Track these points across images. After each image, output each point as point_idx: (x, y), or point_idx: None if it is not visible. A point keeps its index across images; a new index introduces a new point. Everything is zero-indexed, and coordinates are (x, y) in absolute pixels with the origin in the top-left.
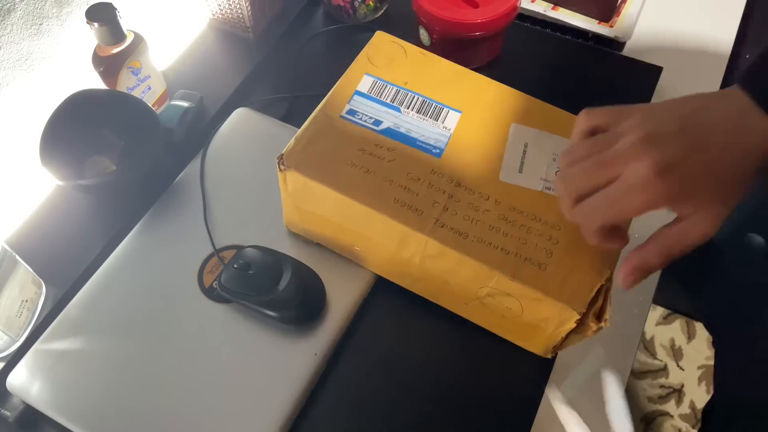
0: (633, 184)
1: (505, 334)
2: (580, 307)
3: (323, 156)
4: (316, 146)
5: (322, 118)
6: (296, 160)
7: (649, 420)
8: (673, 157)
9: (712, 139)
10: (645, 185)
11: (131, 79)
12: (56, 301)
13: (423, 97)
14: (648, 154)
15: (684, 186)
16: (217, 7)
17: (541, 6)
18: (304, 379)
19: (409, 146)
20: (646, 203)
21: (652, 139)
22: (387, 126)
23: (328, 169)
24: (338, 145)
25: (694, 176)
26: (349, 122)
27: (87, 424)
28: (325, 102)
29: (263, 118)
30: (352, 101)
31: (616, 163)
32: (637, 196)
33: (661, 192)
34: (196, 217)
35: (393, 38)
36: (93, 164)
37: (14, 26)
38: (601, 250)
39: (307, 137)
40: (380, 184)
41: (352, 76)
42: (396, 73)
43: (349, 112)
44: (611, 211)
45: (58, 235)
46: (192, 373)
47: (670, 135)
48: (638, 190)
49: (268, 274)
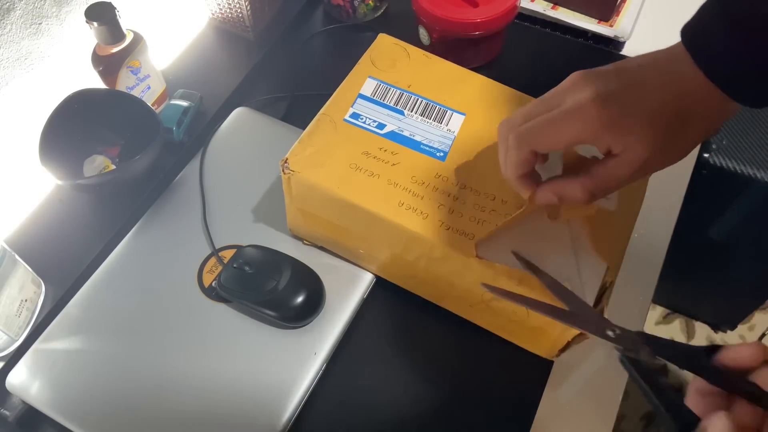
0: (571, 109)
1: (510, 337)
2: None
3: (328, 160)
4: (320, 150)
5: (326, 121)
6: (300, 163)
7: (649, 419)
8: (610, 88)
9: (647, 78)
10: (583, 111)
11: (130, 78)
12: (56, 300)
13: (426, 100)
14: (588, 85)
15: (621, 115)
16: (217, 7)
17: (540, 5)
18: (304, 379)
19: (414, 150)
20: (582, 130)
21: (592, 74)
22: (391, 129)
23: (333, 172)
24: (342, 148)
25: (630, 108)
26: (352, 126)
27: (86, 423)
28: (328, 105)
29: (263, 117)
30: (356, 104)
31: (557, 95)
32: (574, 121)
33: (597, 119)
34: (196, 216)
35: (396, 40)
36: (92, 163)
37: (14, 25)
38: (604, 252)
39: (310, 141)
40: (385, 188)
41: (355, 79)
42: (399, 75)
43: (352, 115)
44: (544, 135)
45: (57, 234)
46: (191, 372)
47: (610, 73)
48: (576, 114)
49: (268, 274)
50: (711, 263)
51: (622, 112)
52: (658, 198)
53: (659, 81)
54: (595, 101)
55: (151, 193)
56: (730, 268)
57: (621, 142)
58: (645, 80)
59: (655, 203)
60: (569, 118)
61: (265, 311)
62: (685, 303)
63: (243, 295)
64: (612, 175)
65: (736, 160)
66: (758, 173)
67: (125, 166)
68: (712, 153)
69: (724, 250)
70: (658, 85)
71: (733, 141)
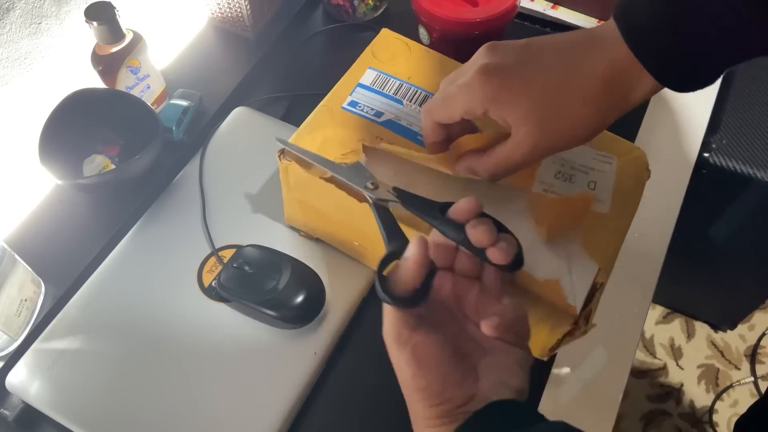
0: (462, 82)
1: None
2: (574, 309)
3: (325, 147)
4: (317, 138)
5: (324, 111)
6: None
7: (649, 419)
8: (502, 62)
9: (548, 53)
10: (470, 84)
11: (130, 78)
12: (55, 300)
13: (426, 92)
14: (483, 58)
15: (504, 90)
16: (217, 6)
17: (540, 5)
18: (304, 378)
19: (410, 141)
20: (469, 103)
21: (495, 46)
22: (388, 118)
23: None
24: (339, 135)
25: (515, 83)
26: (350, 113)
27: (85, 423)
28: (328, 97)
29: (262, 117)
30: (354, 93)
31: (463, 67)
32: (463, 95)
33: (482, 92)
34: (196, 216)
35: (397, 35)
36: (92, 163)
37: (13, 25)
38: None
39: (308, 130)
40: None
41: (355, 71)
42: (400, 68)
43: (350, 103)
44: (441, 108)
45: (57, 234)
46: (191, 372)
47: (516, 46)
48: (465, 88)
49: (268, 274)
50: (711, 263)
51: (504, 86)
52: (657, 198)
53: (566, 57)
54: (481, 74)
55: (150, 193)
56: (730, 268)
57: (509, 118)
58: (546, 56)
59: (655, 203)
60: (459, 91)
61: (265, 311)
62: (685, 303)
63: (243, 295)
64: (506, 156)
65: (736, 159)
66: (758, 173)
67: (125, 166)
68: (712, 152)
69: (724, 250)
70: (563, 60)
71: (733, 141)
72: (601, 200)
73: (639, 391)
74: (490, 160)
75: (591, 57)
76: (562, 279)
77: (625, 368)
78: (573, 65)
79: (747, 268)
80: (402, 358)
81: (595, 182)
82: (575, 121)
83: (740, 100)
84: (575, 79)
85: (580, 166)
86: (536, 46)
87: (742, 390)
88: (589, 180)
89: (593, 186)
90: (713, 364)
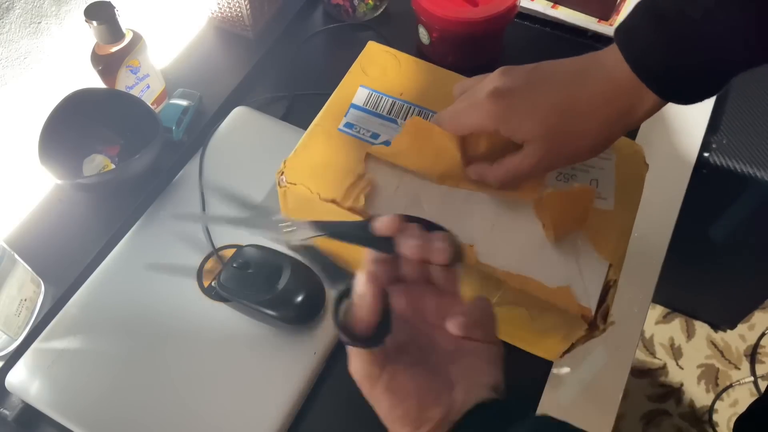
0: (472, 102)
1: (513, 340)
2: (588, 311)
3: (325, 171)
4: (315, 161)
5: (320, 132)
6: (297, 176)
7: (649, 419)
8: (512, 85)
9: (556, 76)
10: (479, 105)
11: (130, 77)
12: (55, 299)
13: (419, 107)
14: (495, 81)
15: (509, 110)
16: (216, 6)
17: (540, 4)
18: (304, 378)
19: None
20: (477, 121)
21: (508, 70)
22: (385, 139)
23: (330, 184)
24: (337, 159)
25: (522, 105)
26: (347, 135)
27: (85, 422)
28: (321, 115)
29: (262, 116)
30: (349, 114)
31: (475, 88)
32: (471, 113)
33: (490, 113)
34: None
35: (386, 48)
36: (92, 163)
37: (13, 24)
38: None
39: (306, 152)
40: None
41: (346, 88)
42: (391, 83)
43: (346, 125)
44: (452, 123)
45: (57, 233)
46: (191, 372)
47: (525, 70)
48: (474, 107)
49: (268, 273)
50: (711, 263)
51: (512, 107)
52: (658, 197)
53: (570, 78)
54: (490, 96)
55: (150, 193)
56: (730, 268)
57: (517, 136)
58: (552, 78)
59: (655, 203)
60: (469, 110)
61: (265, 311)
62: (685, 302)
63: (243, 295)
64: (514, 168)
65: (736, 159)
66: (758, 173)
67: (125, 166)
68: (712, 152)
69: (724, 250)
70: (568, 82)
71: (733, 140)
72: (605, 197)
73: (639, 390)
74: (500, 168)
75: (594, 78)
76: (573, 282)
77: (625, 368)
78: (577, 86)
79: (747, 268)
80: (376, 394)
81: (597, 180)
82: (580, 138)
83: (740, 100)
84: (579, 99)
85: (580, 165)
86: (543, 69)
87: (742, 390)
88: (591, 178)
89: (595, 184)
90: (713, 364)
